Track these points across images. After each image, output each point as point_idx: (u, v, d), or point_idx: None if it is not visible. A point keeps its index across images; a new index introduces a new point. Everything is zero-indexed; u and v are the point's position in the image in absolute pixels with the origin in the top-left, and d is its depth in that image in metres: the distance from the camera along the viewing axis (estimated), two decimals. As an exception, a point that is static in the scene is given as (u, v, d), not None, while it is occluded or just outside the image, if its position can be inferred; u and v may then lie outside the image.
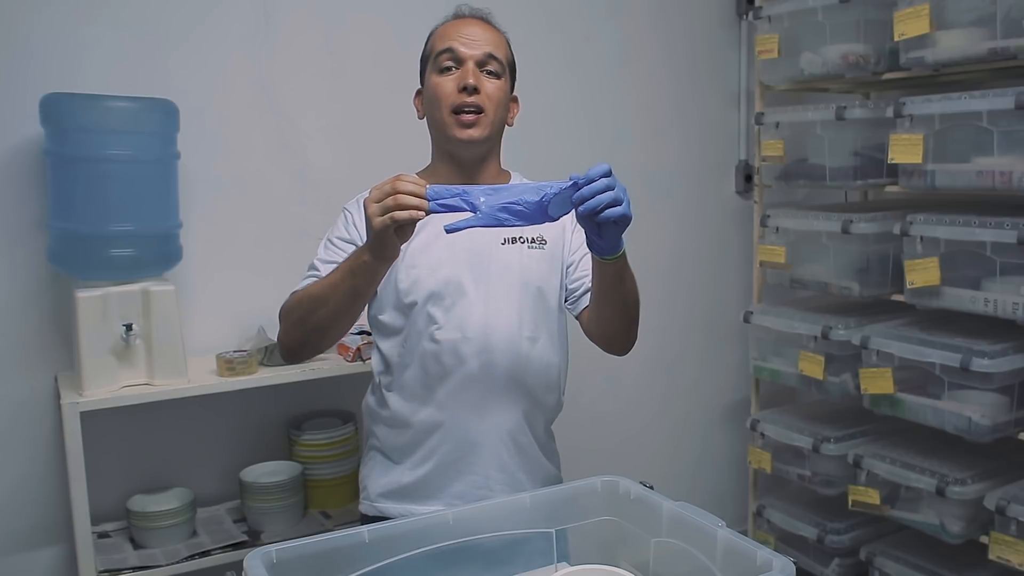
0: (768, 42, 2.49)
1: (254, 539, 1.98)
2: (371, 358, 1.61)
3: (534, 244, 1.54)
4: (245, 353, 1.93)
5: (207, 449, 2.16)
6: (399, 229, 1.22)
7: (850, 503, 2.34)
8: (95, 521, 1.84)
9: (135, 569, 1.83)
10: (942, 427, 2.12)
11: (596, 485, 1.26)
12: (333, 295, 1.36)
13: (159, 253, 1.89)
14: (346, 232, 1.53)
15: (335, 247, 1.51)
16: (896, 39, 2.14)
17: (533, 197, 1.21)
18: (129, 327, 1.79)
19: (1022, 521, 1.96)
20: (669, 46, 2.75)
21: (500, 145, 1.58)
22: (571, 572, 1.13)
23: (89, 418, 1.77)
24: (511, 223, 1.22)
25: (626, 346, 1.52)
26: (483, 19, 1.54)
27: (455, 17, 1.55)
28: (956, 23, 2.05)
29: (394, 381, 1.54)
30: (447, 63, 1.48)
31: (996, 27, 1.96)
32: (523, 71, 1.62)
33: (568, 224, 1.56)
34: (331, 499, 2.14)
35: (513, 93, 1.58)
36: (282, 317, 1.47)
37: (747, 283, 2.86)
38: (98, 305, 1.77)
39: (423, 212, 1.21)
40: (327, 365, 1.99)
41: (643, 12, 2.69)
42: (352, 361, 2.01)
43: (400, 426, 1.54)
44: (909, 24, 2.09)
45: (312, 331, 1.42)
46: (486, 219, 1.21)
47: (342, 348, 2.03)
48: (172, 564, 1.85)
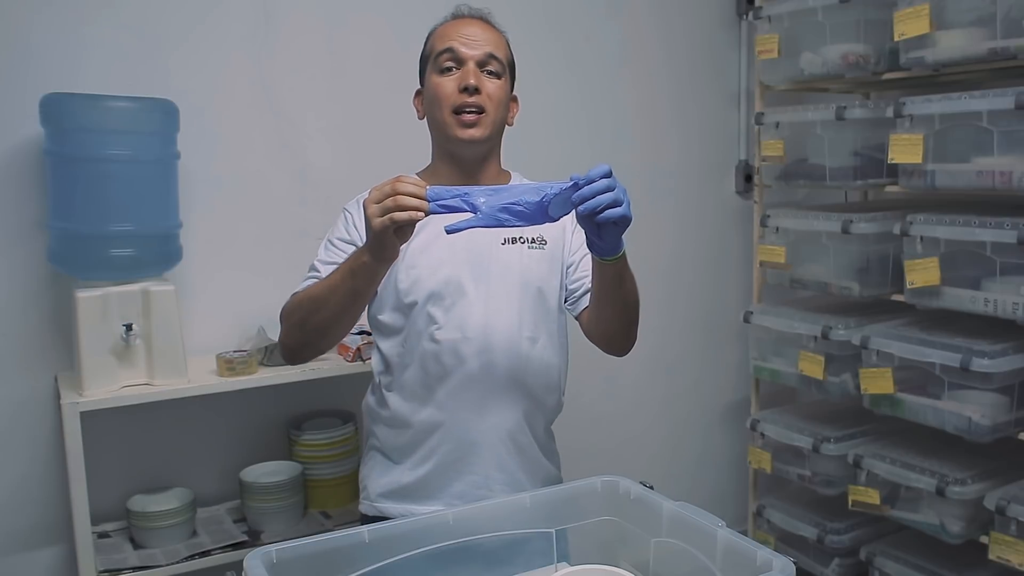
0: (768, 42, 2.49)
1: (254, 539, 1.98)
2: (371, 358, 1.61)
3: (534, 244, 1.54)
4: (245, 353, 1.93)
5: (207, 449, 2.16)
6: (398, 230, 1.22)
7: (850, 503, 2.34)
8: (95, 521, 1.84)
9: (135, 569, 1.83)
10: (942, 427, 2.12)
11: (596, 485, 1.26)
12: (333, 296, 1.36)
13: (159, 253, 1.89)
14: (346, 233, 1.53)
15: (335, 248, 1.51)
16: (896, 39, 2.14)
17: (533, 197, 1.21)
18: (129, 327, 1.79)
19: (1022, 521, 1.96)
20: (669, 46, 2.75)
21: (500, 145, 1.58)
22: (571, 572, 1.13)
23: (89, 418, 1.77)
24: (511, 223, 1.22)
25: (626, 346, 1.52)
26: (483, 19, 1.54)
27: (454, 17, 1.55)
28: (956, 23, 2.05)
29: (394, 381, 1.54)
30: (447, 63, 1.48)
31: (996, 27, 1.96)
32: (523, 71, 1.62)
33: (568, 224, 1.56)
34: (331, 499, 2.14)
35: (513, 93, 1.58)
36: (283, 319, 1.47)
37: (747, 283, 2.86)
38: (98, 305, 1.77)
39: (422, 213, 1.21)
40: (327, 365, 1.99)
41: (643, 12, 2.69)
42: (352, 361, 2.02)
43: (400, 426, 1.54)
44: (909, 24, 2.09)
45: (313, 332, 1.42)
46: (486, 219, 1.21)
47: (342, 348, 2.03)
48: (172, 564, 1.85)
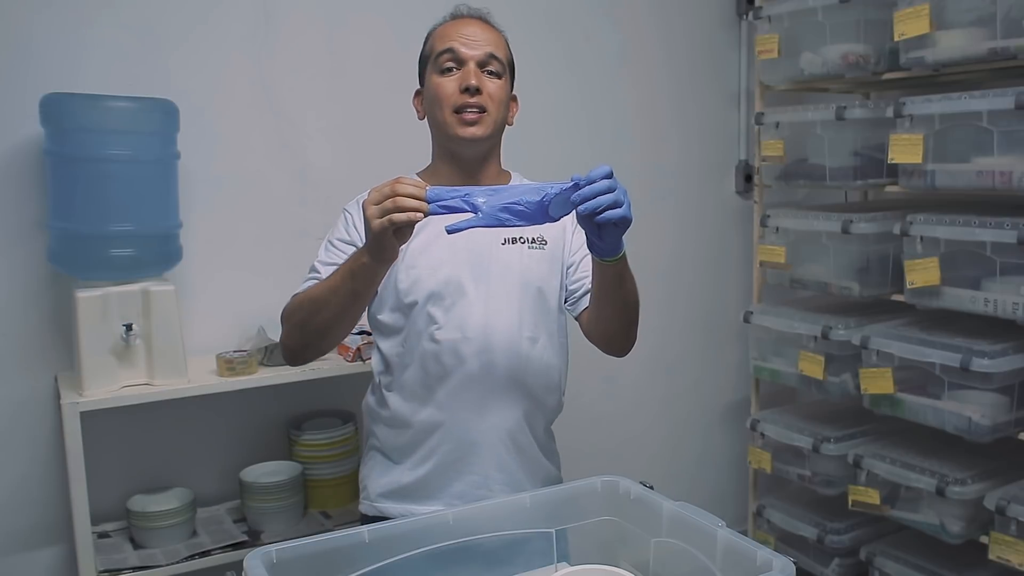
0: (768, 42, 2.49)
1: (254, 539, 1.98)
2: (371, 358, 1.61)
3: (534, 244, 1.54)
4: (245, 353, 1.93)
5: (207, 449, 2.16)
6: (398, 231, 1.22)
7: (850, 503, 2.34)
8: (95, 521, 1.84)
9: (135, 569, 1.83)
10: (942, 427, 2.12)
11: (596, 485, 1.26)
12: (333, 297, 1.37)
13: (159, 253, 1.89)
14: (346, 233, 1.53)
15: (335, 249, 1.51)
16: (896, 39, 2.14)
17: (534, 197, 1.21)
18: (129, 327, 1.79)
19: (1022, 521, 1.96)
20: (669, 46, 2.75)
21: (500, 145, 1.58)
22: (571, 572, 1.13)
23: (89, 418, 1.77)
24: (512, 223, 1.22)
25: (625, 347, 1.52)
26: (482, 19, 1.54)
27: (453, 17, 1.55)
28: (956, 23, 2.05)
29: (394, 381, 1.54)
30: (448, 64, 1.48)
31: (996, 27, 1.96)
32: (523, 71, 1.62)
33: (569, 225, 1.56)
34: (331, 499, 2.14)
35: (512, 92, 1.57)
36: (284, 320, 1.47)
37: (747, 283, 2.86)
38: (98, 305, 1.77)
39: (421, 214, 1.20)
40: (327, 365, 1.99)
41: (643, 12, 2.68)
42: (352, 361, 2.02)
43: (400, 426, 1.54)
44: (909, 24, 2.09)
45: (314, 333, 1.43)
46: (487, 219, 1.21)
47: (342, 348, 2.03)
48: (172, 564, 1.85)
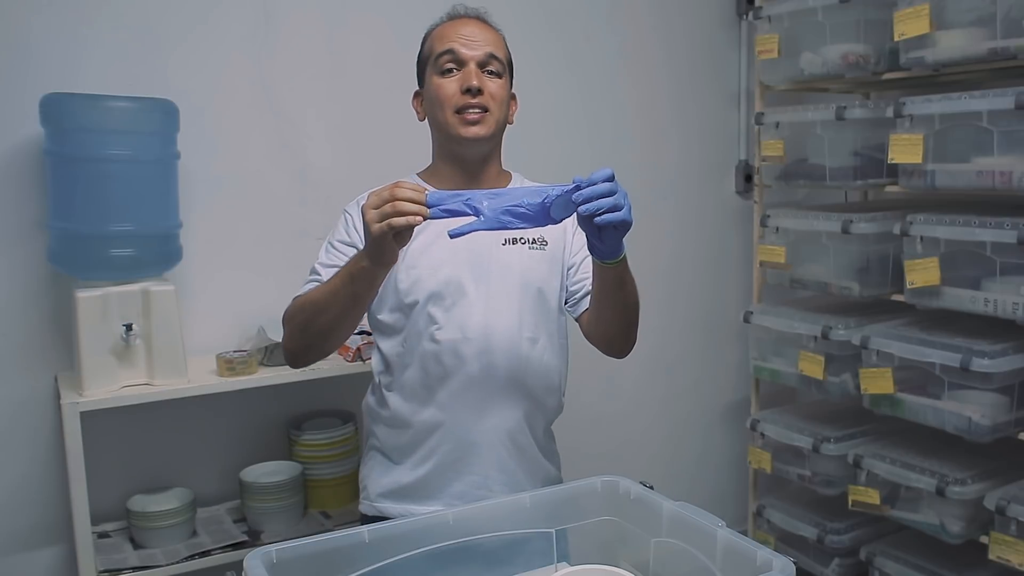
0: (768, 42, 2.49)
1: (254, 539, 1.98)
2: (371, 358, 1.61)
3: (535, 245, 1.54)
4: (245, 353, 1.93)
5: (207, 449, 2.16)
6: (397, 235, 1.22)
7: (850, 503, 2.34)
8: (95, 521, 1.84)
9: (135, 569, 1.83)
10: (942, 427, 2.12)
11: (596, 485, 1.26)
12: (334, 300, 1.37)
13: (159, 253, 1.89)
14: (346, 235, 1.52)
15: (336, 250, 1.51)
16: (896, 39, 2.14)
17: (536, 200, 1.21)
18: (129, 327, 1.79)
19: (1022, 521, 1.96)
20: (669, 46, 2.75)
21: (501, 145, 1.58)
22: (571, 572, 1.13)
23: (89, 418, 1.77)
24: (514, 226, 1.22)
25: (625, 349, 1.52)
26: (480, 18, 1.54)
27: (451, 17, 1.54)
28: (956, 23, 2.05)
29: (394, 381, 1.54)
30: (448, 65, 1.48)
31: (996, 27, 1.96)
32: (523, 71, 1.62)
33: (569, 226, 1.55)
34: (331, 499, 2.14)
35: (512, 91, 1.57)
36: (285, 323, 1.47)
37: (747, 283, 2.86)
38: (98, 305, 1.77)
39: (421, 218, 1.20)
40: (327, 365, 1.99)
41: (643, 12, 2.68)
42: (352, 361, 2.02)
43: (400, 426, 1.54)
44: (909, 24, 2.09)
45: (315, 336, 1.43)
46: (489, 223, 1.21)
47: (342, 348, 2.02)
48: (172, 564, 1.85)
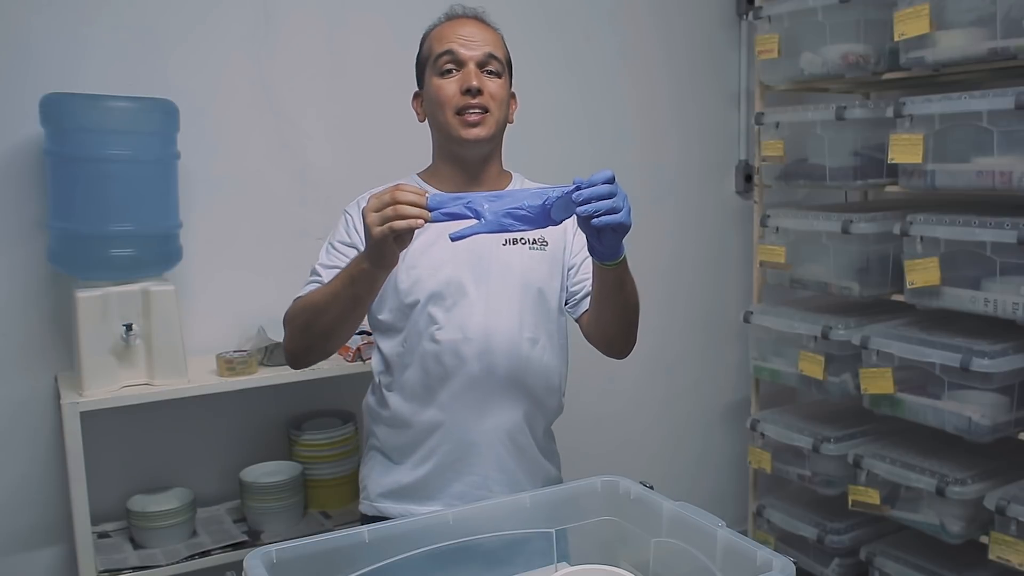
0: (768, 42, 2.49)
1: (254, 539, 1.98)
2: (371, 358, 1.61)
3: (535, 246, 1.53)
4: (245, 353, 1.93)
5: (207, 449, 2.16)
6: (397, 238, 1.22)
7: (850, 503, 2.34)
8: (95, 521, 1.84)
9: (135, 569, 1.83)
10: (942, 427, 2.12)
11: (596, 485, 1.26)
12: (334, 302, 1.37)
13: (159, 253, 1.89)
14: (346, 235, 1.52)
15: (336, 251, 1.51)
16: (896, 39, 2.14)
17: (536, 202, 1.21)
18: (129, 327, 1.79)
19: (1022, 521, 1.96)
20: (669, 46, 2.75)
21: (501, 145, 1.58)
22: (571, 572, 1.13)
23: (89, 418, 1.77)
24: (515, 228, 1.22)
25: (625, 350, 1.52)
26: (478, 18, 1.53)
27: (449, 18, 1.54)
28: (956, 23, 2.05)
29: (394, 381, 1.54)
30: (447, 65, 1.48)
31: (996, 27, 1.96)
32: (523, 71, 1.61)
33: (570, 227, 1.55)
34: (331, 499, 2.14)
35: (511, 90, 1.57)
36: (286, 324, 1.48)
37: (747, 283, 2.86)
38: (98, 305, 1.77)
39: (422, 221, 1.20)
40: (327, 365, 1.98)
41: (643, 12, 2.68)
42: (352, 361, 2.02)
43: (400, 426, 1.54)
44: (909, 24, 2.09)
45: (316, 337, 1.43)
46: (490, 225, 1.21)
47: (342, 348, 2.02)
48: (172, 564, 1.85)
